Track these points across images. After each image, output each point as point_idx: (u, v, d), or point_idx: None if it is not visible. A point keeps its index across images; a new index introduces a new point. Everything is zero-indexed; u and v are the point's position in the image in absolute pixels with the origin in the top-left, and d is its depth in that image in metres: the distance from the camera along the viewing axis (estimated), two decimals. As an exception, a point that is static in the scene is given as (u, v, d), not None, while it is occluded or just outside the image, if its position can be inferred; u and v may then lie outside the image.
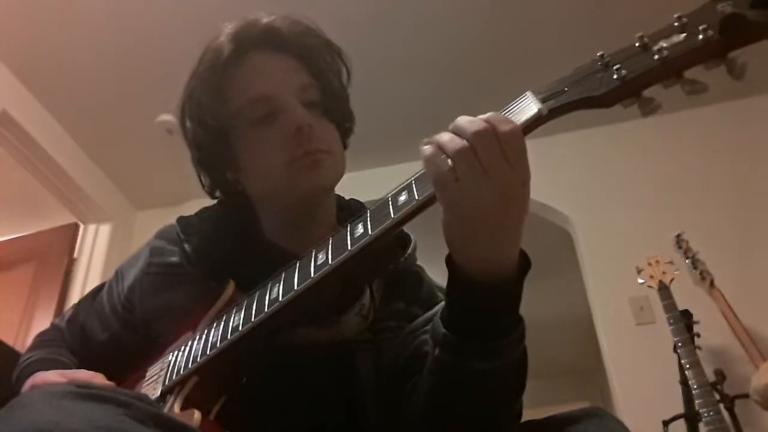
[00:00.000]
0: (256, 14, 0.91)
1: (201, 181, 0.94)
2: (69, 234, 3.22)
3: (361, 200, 0.99)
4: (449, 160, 0.56)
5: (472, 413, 0.68)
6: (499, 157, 0.55)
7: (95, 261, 3.16)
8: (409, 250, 0.92)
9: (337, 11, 2.44)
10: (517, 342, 0.65)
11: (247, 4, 0.97)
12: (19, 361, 0.92)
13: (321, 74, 0.90)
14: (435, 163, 0.57)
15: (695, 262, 2.26)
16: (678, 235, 2.34)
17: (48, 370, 0.83)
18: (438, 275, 0.93)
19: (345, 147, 0.94)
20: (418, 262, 0.96)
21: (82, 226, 3.28)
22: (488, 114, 0.58)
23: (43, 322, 2.87)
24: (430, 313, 0.86)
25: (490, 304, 0.62)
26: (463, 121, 0.58)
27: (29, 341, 0.99)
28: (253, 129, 0.86)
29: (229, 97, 0.87)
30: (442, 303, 0.68)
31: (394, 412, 0.81)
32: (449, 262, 0.64)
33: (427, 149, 0.58)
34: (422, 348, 0.80)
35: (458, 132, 0.58)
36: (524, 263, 0.64)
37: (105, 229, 3.28)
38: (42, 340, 0.98)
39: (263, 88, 0.87)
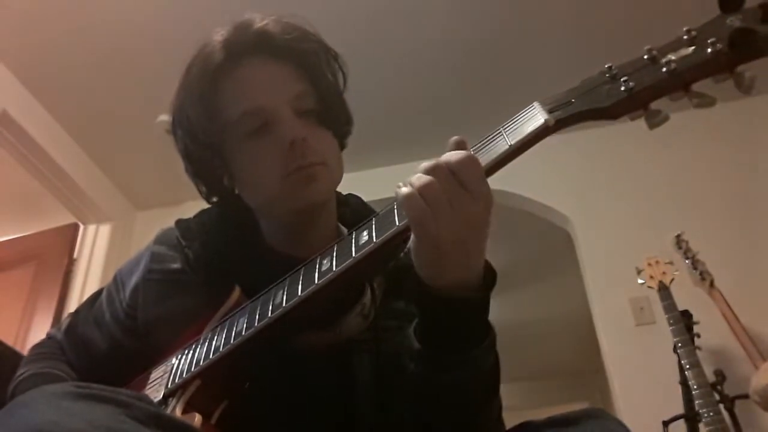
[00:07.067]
0: (249, 16, 0.88)
1: (197, 188, 0.93)
2: (69, 234, 3.21)
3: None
4: (421, 198, 0.59)
5: (452, 418, 0.71)
6: (458, 187, 0.59)
7: (95, 261, 3.15)
8: (409, 244, 0.92)
9: (337, 10, 2.44)
10: (489, 349, 0.68)
11: (245, 4, 0.95)
12: (14, 376, 0.91)
13: (316, 80, 0.87)
14: (410, 203, 0.60)
15: (695, 263, 2.26)
16: (678, 236, 2.34)
17: (41, 385, 0.83)
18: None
19: (343, 147, 0.92)
20: None
21: (82, 227, 3.27)
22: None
23: (43, 322, 2.86)
24: None
25: (460, 317, 0.65)
26: (424, 163, 0.61)
27: (29, 341, 0.98)
28: (247, 142, 0.84)
29: (221, 110, 0.85)
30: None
31: (392, 412, 0.81)
32: (416, 279, 0.66)
33: (401, 190, 0.61)
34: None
35: (420, 172, 0.61)
36: (490, 275, 0.67)
37: (105, 230, 3.27)
38: (37, 353, 0.96)
39: (255, 99, 0.84)
